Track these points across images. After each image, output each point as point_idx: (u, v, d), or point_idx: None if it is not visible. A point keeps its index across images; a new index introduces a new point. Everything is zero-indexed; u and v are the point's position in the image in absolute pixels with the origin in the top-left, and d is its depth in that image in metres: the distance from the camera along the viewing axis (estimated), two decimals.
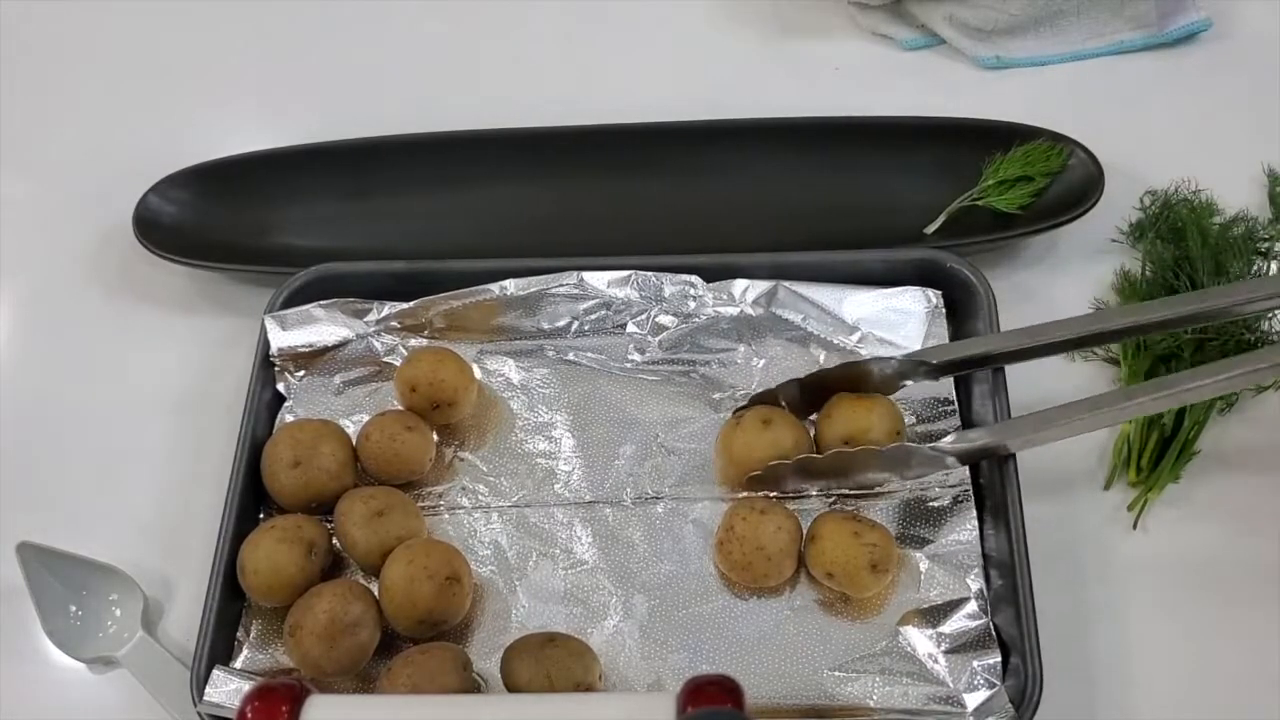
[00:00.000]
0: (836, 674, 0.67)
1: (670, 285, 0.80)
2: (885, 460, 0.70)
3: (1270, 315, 0.77)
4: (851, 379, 0.73)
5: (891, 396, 0.74)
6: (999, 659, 0.66)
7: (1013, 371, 0.73)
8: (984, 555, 0.70)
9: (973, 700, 0.65)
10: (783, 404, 0.74)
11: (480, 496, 0.76)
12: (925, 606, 0.68)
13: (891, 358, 0.73)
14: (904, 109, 0.91)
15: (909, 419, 0.75)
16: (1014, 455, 0.70)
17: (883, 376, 0.73)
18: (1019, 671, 0.65)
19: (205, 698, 0.67)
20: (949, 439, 0.70)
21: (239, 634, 0.71)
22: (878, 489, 0.73)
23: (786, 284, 0.79)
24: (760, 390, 0.76)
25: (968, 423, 0.75)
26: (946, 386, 0.76)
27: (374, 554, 0.70)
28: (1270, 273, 0.79)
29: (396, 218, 0.91)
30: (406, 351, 0.80)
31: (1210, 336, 0.76)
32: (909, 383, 0.74)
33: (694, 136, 0.91)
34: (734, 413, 0.75)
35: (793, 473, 0.72)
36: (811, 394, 0.74)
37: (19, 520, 0.79)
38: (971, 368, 0.74)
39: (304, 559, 0.70)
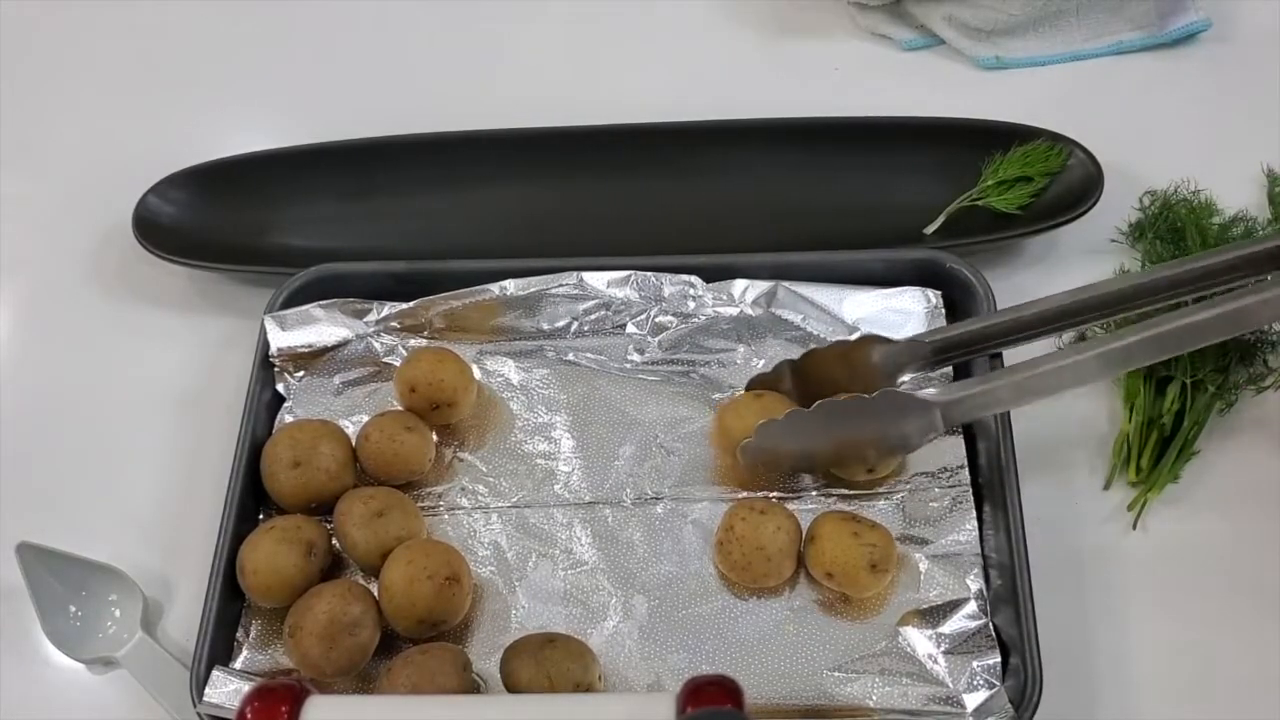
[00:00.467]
0: (836, 674, 0.67)
1: (670, 285, 0.80)
2: (872, 412, 0.69)
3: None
4: (845, 359, 0.73)
5: None
6: (999, 659, 0.66)
7: None
8: (983, 555, 0.70)
9: (972, 701, 0.65)
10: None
11: (480, 497, 0.76)
12: (925, 607, 0.68)
13: (884, 338, 0.73)
14: (904, 109, 0.91)
15: None
16: (1014, 453, 0.70)
17: (878, 364, 0.73)
18: (1019, 672, 0.65)
19: (205, 698, 0.67)
20: (934, 389, 0.70)
21: (238, 634, 0.71)
22: (876, 488, 0.73)
23: (786, 284, 0.79)
24: (756, 376, 0.76)
25: (967, 425, 0.75)
26: None
27: (373, 554, 0.70)
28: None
29: (396, 218, 0.91)
30: (406, 352, 0.80)
31: None
32: (906, 377, 0.74)
33: (694, 136, 0.91)
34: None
35: (782, 433, 0.70)
36: (808, 389, 0.74)
37: (19, 520, 0.79)
38: (968, 352, 0.74)
39: (303, 559, 0.70)
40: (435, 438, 0.77)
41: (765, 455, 0.72)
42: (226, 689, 0.67)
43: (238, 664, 0.70)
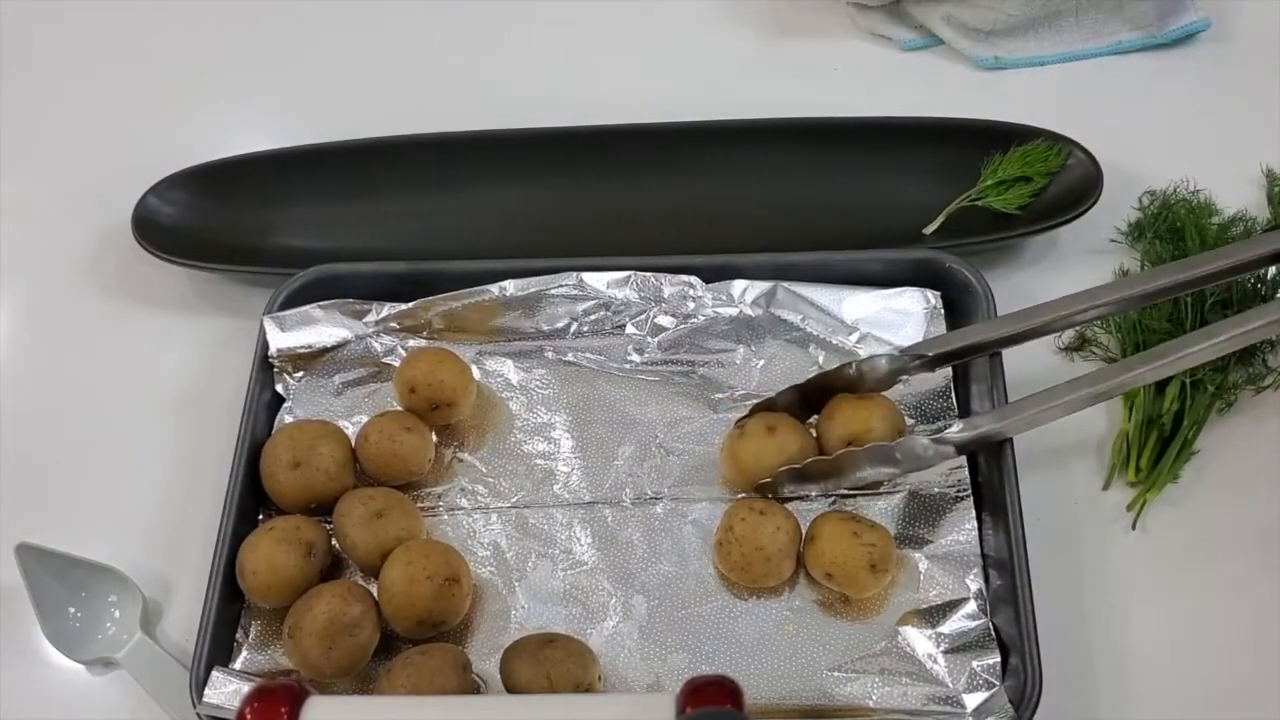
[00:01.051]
0: (836, 674, 0.67)
1: (669, 286, 0.80)
2: (892, 456, 0.70)
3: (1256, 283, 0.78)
4: (849, 378, 0.73)
5: (892, 397, 0.74)
6: (998, 659, 0.66)
7: (1011, 378, 0.73)
8: (983, 555, 0.70)
9: (972, 700, 0.65)
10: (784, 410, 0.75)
11: (479, 497, 0.76)
12: (924, 607, 0.68)
13: (888, 354, 0.73)
14: (903, 109, 0.91)
15: (909, 420, 0.75)
16: (1014, 454, 0.70)
17: (882, 376, 0.73)
18: (1018, 671, 0.65)
19: (204, 699, 0.67)
20: (956, 428, 0.70)
21: (238, 635, 0.71)
22: (876, 489, 0.73)
23: (786, 285, 0.79)
24: (760, 400, 0.75)
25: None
26: (946, 387, 0.76)
27: (373, 555, 0.70)
28: (1267, 274, 0.79)
29: (396, 218, 0.91)
30: (405, 352, 0.80)
31: None
32: (906, 377, 0.74)
33: (694, 136, 0.91)
34: (736, 423, 0.74)
35: (801, 477, 0.72)
36: (811, 397, 0.74)
37: (18, 521, 0.79)
38: (969, 355, 0.74)
39: (303, 560, 0.70)
40: (435, 438, 0.77)
41: (784, 489, 0.73)
42: (226, 689, 0.67)
43: (237, 664, 0.70)
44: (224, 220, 0.91)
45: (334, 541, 0.73)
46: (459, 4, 1.06)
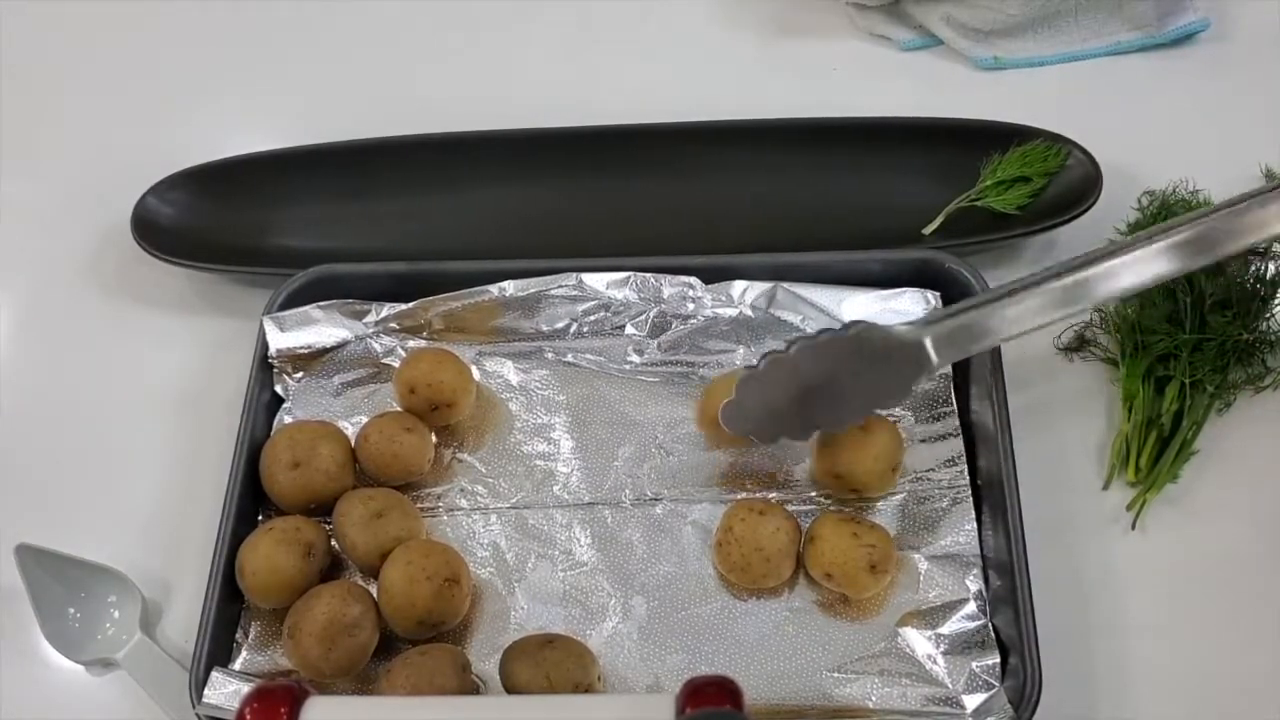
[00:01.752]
0: (835, 675, 0.67)
1: (669, 287, 0.80)
2: (853, 349, 0.67)
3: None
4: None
5: None
6: (998, 660, 0.66)
7: (1011, 381, 0.73)
8: (983, 556, 0.70)
9: (972, 701, 0.65)
10: None
11: (479, 498, 0.76)
12: (924, 607, 0.69)
13: (875, 325, 0.72)
14: (902, 109, 0.91)
15: (907, 419, 0.75)
16: (1013, 453, 0.70)
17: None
18: (1018, 672, 0.65)
19: (204, 699, 0.67)
20: (909, 323, 0.67)
21: (238, 636, 0.71)
22: (876, 492, 0.73)
23: (785, 285, 0.79)
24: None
25: (965, 423, 0.75)
26: (946, 388, 0.76)
27: (373, 555, 0.70)
28: (1267, 273, 0.78)
29: (396, 218, 0.91)
30: (405, 353, 0.80)
31: (1208, 336, 0.76)
32: None
33: (693, 136, 0.91)
34: None
35: (763, 384, 0.68)
36: None
37: (18, 521, 0.79)
38: None
39: (302, 560, 0.70)
40: (434, 439, 0.77)
41: (747, 415, 0.70)
42: (226, 690, 0.67)
43: (237, 665, 0.70)
44: (224, 220, 0.91)
45: (333, 542, 0.73)
46: (459, 4, 1.06)
